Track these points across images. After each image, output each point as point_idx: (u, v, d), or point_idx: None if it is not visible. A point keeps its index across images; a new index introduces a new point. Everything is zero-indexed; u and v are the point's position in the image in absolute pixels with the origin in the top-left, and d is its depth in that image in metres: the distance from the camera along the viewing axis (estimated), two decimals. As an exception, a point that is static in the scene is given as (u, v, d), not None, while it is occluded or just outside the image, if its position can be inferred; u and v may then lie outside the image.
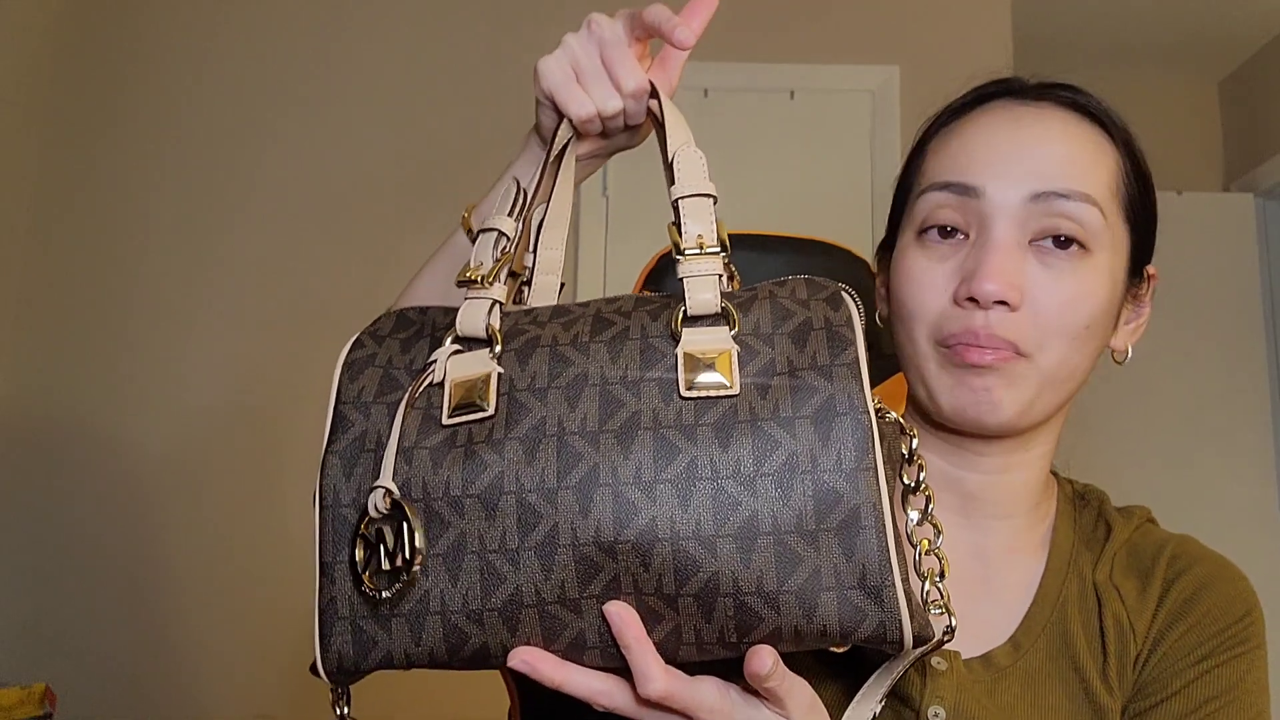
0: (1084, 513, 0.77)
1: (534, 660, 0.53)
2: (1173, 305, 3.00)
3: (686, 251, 0.56)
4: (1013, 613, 0.71)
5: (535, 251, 0.64)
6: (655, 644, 0.52)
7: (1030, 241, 0.67)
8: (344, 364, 0.60)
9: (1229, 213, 3.17)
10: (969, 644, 0.68)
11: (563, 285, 0.65)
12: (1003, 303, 0.64)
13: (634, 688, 0.53)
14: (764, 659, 0.51)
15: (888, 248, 0.77)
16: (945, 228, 0.68)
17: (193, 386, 2.37)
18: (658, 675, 0.51)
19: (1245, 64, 3.38)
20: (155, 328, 2.40)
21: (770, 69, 2.54)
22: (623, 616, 0.51)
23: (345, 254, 2.40)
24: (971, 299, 0.65)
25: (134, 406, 2.36)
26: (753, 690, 0.53)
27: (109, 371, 2.38)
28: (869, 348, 0.55)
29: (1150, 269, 0.74)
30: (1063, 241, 0.66)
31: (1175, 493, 2.59)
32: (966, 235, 0.68)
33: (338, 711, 0.58)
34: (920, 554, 0.59)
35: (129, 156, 2.47)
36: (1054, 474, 0.78)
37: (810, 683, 0.63)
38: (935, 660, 0.66)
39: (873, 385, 0.85)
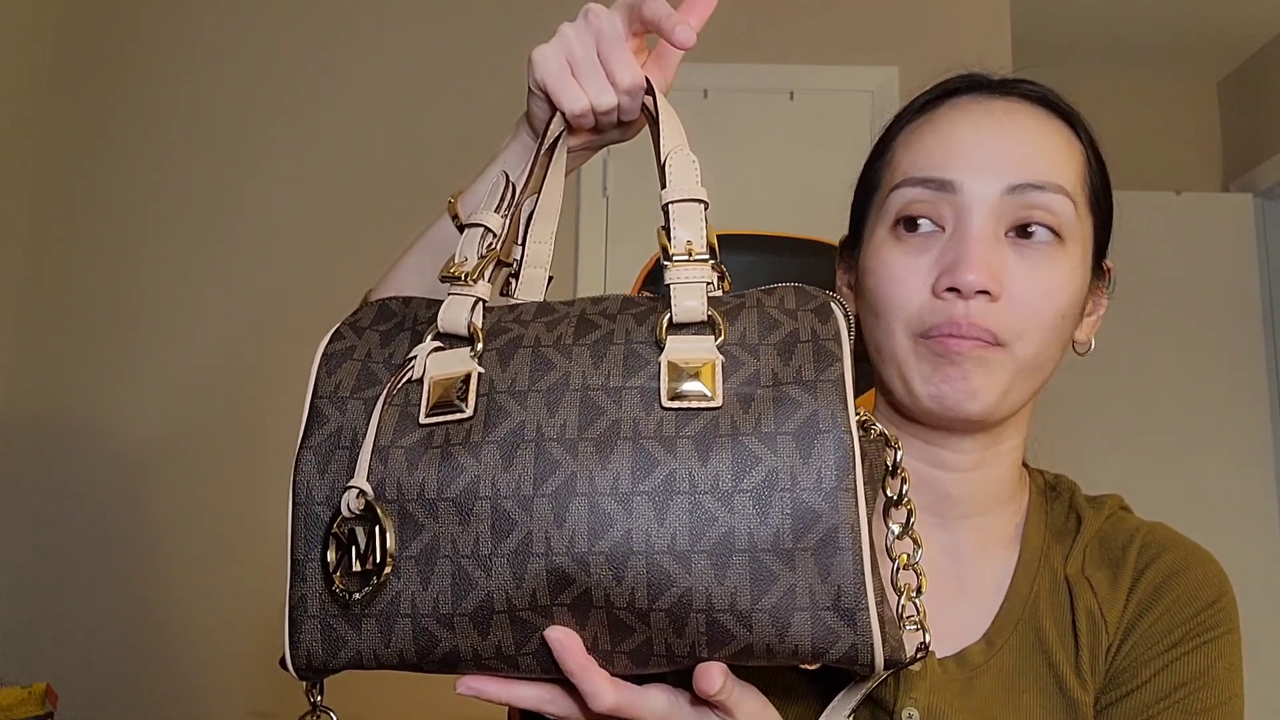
0: (1055, 505, 0.76)
1: (478, 685, 0.54)
2: (1172, 305, 3.01)
3: (674, 257, 0.55)
4: (986, 610, 0.71)
5: (524, 244, 0.63)
6: (626, 654, 0.52)
7: (1006, 233, 0.67)
8: (322, 356, 0.58)
9: (1228, 213, 3.17)
10: (943, 643, 0.68)
11: (551, 278, 0.64)
12: (984, 293, 0.65)
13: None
14: (713, 679, 0.51)
15: (850, 246, 0.77)
16: (921, 220, 0.68)
17: (193, 386, 2.37)
18: (605, 691, 0.52)
19: (1244, 64, 3.38)
20: (155, 325, 2.40)
21: (770, 69, 2.53)
22: (564, 643, 0.51)
23: (339, 250, 2.40)
24: (952, 289, 0.65)
25: (133, 407, 2.36)
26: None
27: (108, 372, 2.38)
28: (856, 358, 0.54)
29: (1107, 262, 0.75)
30: (1038, 232, 0.67)
31: (1175, 493, 2.60)
32: (942, 228, 0.68)
33: (311, 700, 0.58)
34: (898, 568, 0.59)
35: (124, 156, 2.47)
36: (1025, 465, 0.78)
37: (784, 694, 0.63)
38: None
39: (857, 395, 0.85)
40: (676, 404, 0.51)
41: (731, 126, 2.50)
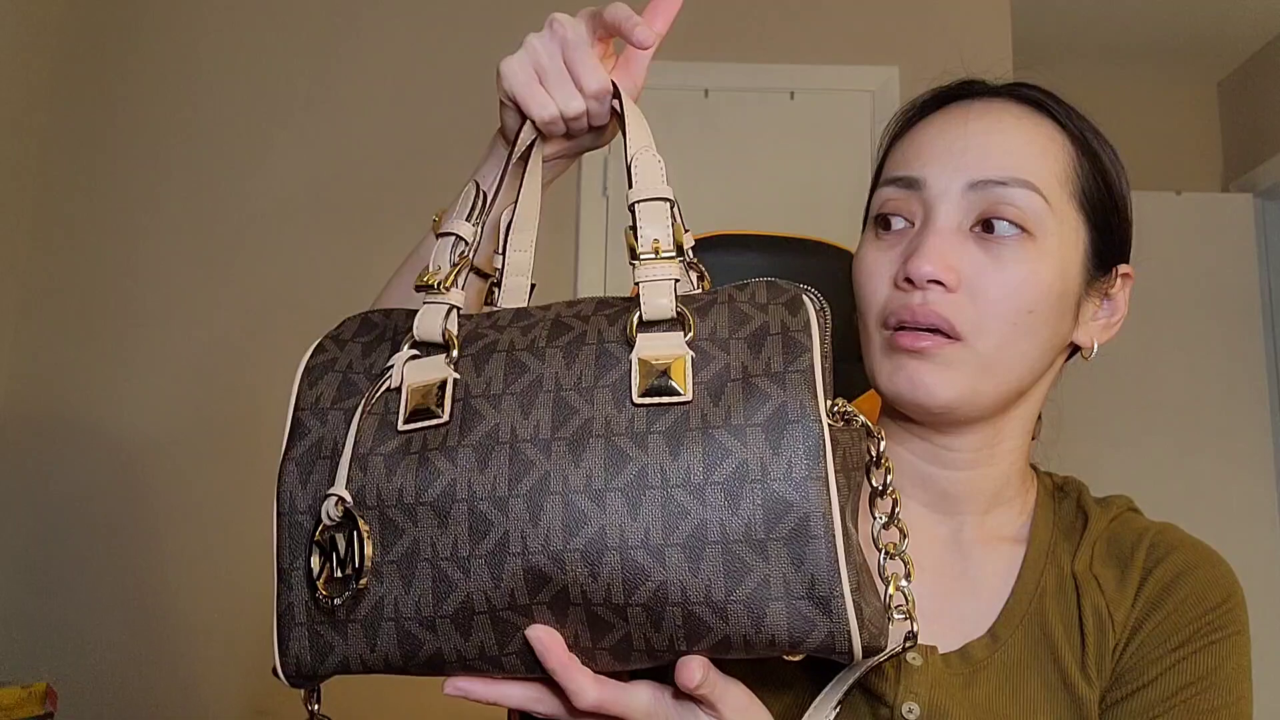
0: (1063, 504, 0.76)
1: (466, 686, 0.55)
2: (1172, 305, 3.01)
3: (642, 256, 0.55)
4: (991, 605, 0.71)
5: (504, 253, 0.64)
6: (607, 650, 0.52)
7: (972, 228, 0.68)
8: (304, 370, 0.60)
9: (1228, 213, 3.17)
10: (946, 638, 0.68)
11: (533, 286, 0.65)
12: (939, 283, 0.66)
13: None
14: (693, 672, 0.51)
15: None
16: (892, 218, 0.70)
17: (194, 386, 2.37)
18: (588, 688, 0.52)
19: (1244, 64, 3.38)
20: (154, 324, 2.40)
21: (770, 69, 2.54)
22: (545, 641, 0.52)
23: (340, 250, 2.41)
24: (909, 280, 0.66)
25: (134, 405, 2.37)
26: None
27: (109, 371, 2.38)
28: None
29: (1124, 268, 0.74)
30: (1001, 226, 0.67)
31: (1175, 493, 2.60)
32: (913, 224, 0.70)
33: (309, 708, 0.59)
34: (885, 557, 0.59)
35: (126, 156, 2.48)
36: (1034, 468, 0.78)
37: (774, 686, 0.63)
38: (910, 656, 0.66)
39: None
40: (647, 400, 0.52)
41: (731, 126, 2.50)
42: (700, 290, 0.58)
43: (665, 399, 0.52)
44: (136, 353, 2.39)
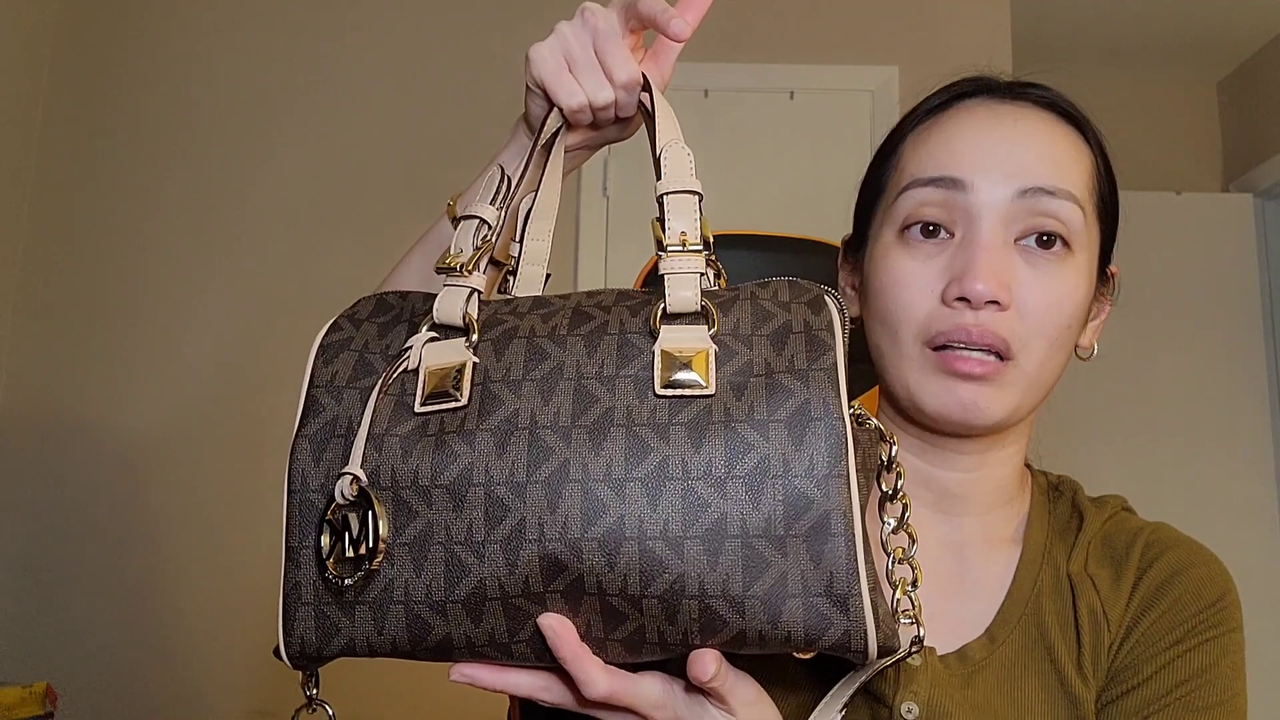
0: (1058, 504, 0.76)
1: (472, 673, 0.54)
2: (1172, 305, 3.01)
3: (669, 248, 0.55)
4: (988, 606, 0.71)
5: (521, 241, 0.64)
6: (619, 641, 0.52)
7: (1015, 240, 0.67)
8: (319, 347, 0.59)
9: (1228, 213, 3.17)
10: (944, 639, 0.68)
11: (549, 276, 0.65)
12: (993, 302, 0.64)
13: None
14: (706, 665, 0.51)
15: (854, 247, 0.76)
16: (929, 226, 0.68)
17: (193, 384, 2.37)
18: (598, 678, 0.52)
19: (1244, 65, 3.38)
20: (154, 324, 2.40)
21: (770, 69, 2.54)
22: (557, 630, 0.51)
23: (339, 249, 2.41)
24: (962, 299, 0.64)
25: (134, 404, 2.37)
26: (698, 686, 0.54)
27: (109, 370, 2.38)
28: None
29: (1112, 268, 0.74)
30: (1047, 240, 0.66)
31: (1175, 492, 2.60)
32: (951, 234, 0.67)
33: (306, 693, 0.58)
34: (893, 562, 0.59)
35: (124, 155, 2.48)
36: (1028, 466, 0.78)
37: (783, 686, 0.63)
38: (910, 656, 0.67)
39: (855, 394, 0.85)
40: (670, 392, 0.52)
41: (731, 126, 2.51)
42: (720, 286, 0.58)
43: (687, 391, 0.52)
44: (136, 353, 2.39)
